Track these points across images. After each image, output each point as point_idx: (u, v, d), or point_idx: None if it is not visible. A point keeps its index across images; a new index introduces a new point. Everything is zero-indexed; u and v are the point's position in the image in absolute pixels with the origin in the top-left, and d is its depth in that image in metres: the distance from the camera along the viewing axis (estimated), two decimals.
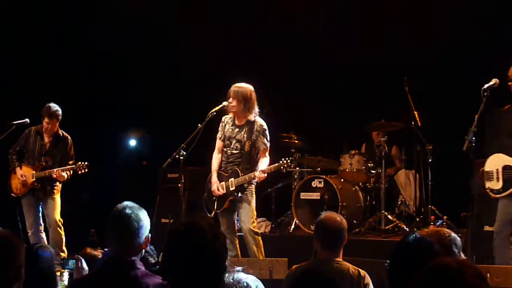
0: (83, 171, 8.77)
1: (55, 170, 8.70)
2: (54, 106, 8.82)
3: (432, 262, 2.67)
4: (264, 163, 7.63)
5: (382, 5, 10.47)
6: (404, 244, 3.61)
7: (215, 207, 7.79)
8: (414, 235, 3.65)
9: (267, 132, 7.73)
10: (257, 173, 7.51)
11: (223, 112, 7.83)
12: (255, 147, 7.71)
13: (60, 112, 8.84)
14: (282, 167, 7.50)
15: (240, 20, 11.16)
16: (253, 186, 7.75)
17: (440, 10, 10.10)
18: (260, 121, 7.74)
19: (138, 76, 11.89)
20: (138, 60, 11.69)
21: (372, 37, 10.64)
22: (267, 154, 7.72)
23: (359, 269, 4.92)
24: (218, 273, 3.29)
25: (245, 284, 3.54)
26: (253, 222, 7.74)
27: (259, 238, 7.71)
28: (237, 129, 7.78)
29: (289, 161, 7.49)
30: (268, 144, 7.72)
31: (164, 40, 11.59)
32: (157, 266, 4.44)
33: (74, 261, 5.65)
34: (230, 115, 7.85)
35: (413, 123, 9.17)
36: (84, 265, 5.03)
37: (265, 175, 7.53)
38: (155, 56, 11.65)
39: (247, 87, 7.69)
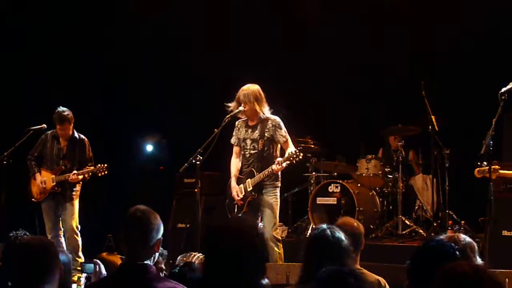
0: (103, 173, 8.78)
1: (74, 172, 8.72)
2: (63, 110, 8.79)
3: (448, 266, 2.66)
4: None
5: (400, 7, 10.41)
6: (427, 247, 3.61)
7: (236, 211, 7.80)
8: (437, 238, 3.66)
9: (282, 124, 7.73)
10: (274, 166, 7.50)
11: (238, 117, 7.85)
12: (270, 144, 7.71)
13: (70, 114, 8.82)
14: (291, 158, 7.45)
15: (256, 23, 11.17)
16: (278, 190, 7.74)
17: (456, 13, 10.03)
18: (273, 116, 7.75)
19: (155, 81, 11.94)
20: (155, 64, 11.74)
21: (389, 40, 10.60)
22: (290, 144, 7.70)
23: (379, 278, 4.90)
24: (257, 276, 3.29)
25: None
26: (276, 228, 7.73)
27: (280, 245, 7.69)
28: (250, 130, 7.81)
29: (297, 151, 7.44)
30: (287, 136, 7.71)
31: (178, 44, 11.61)
32: (178, 269, 4.46)
33: (92, 265, 5.68)
34: (243, 118, 7.87)
35: (430, 127, 9.13)
36: (103, 269, 5.06)
37: (283, 165, 7.47)
38: (171, 61, 11.67)
39: (254, 87, 7.71)
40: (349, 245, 4.16)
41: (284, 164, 7.47)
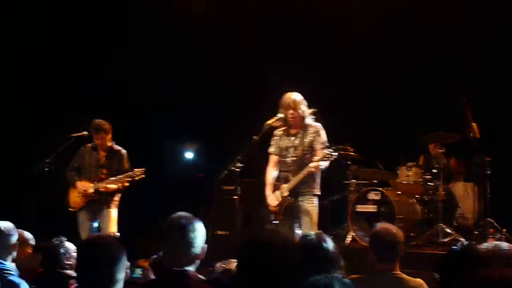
0: (140, 177, 8.86)
1: (109, 180, 8.81)
2: (98, 120, 8.96)
3: (476, 273, 2.62)
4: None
5: (439, 14, 10.34)
6: (451, 253, 3.58)
7: (273, 218, 7.79)
8: (460, 244, 3.63)
9: (322, 132, 7.72)
10: (311, 164, 7.49)
11: (276, 126, 7.85)
12: (310, 151, 7.69)
13: (105, 125, 8.95)
14: (326, 157, 7.43)
15: (295, 33, 11.18)
16: (316, 198, 7.72)
17: (493, 20, 9.93)
18: (314, 123, 7.76)
19: (194, 88, 12.01)
20: (195, 71, 11.81)
21: (429, 47, 10.52)
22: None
23: (421, 281, 4.86)
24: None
25: None
26: None
27: None
28: (293, 137, 7.79)
29: (331, 150, 7.43)
30: (326, 143, 7.69)
31: (218, 53, 11.66)
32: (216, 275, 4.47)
33: (141, 269, 5.71)
34: (282, 127, 7.86)
35: (471, 134, 9.04)
36: (151, 274, 5.09)
37: (320, 164, 7.46)
38: (211, 69, 11.73)
39: (298, 94, 7.74)
40: (336, 255, 4.08)
41: (321, 163, 7.47)
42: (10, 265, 5.23)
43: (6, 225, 5.67)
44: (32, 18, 11.44)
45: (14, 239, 5.62)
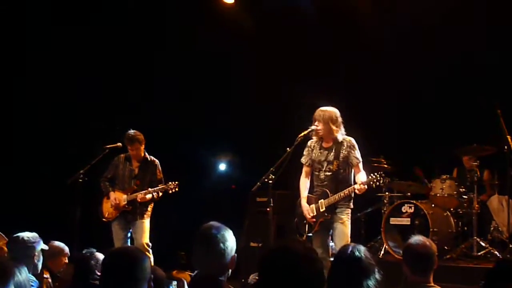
0: (174, 190, 8.93)
1: (141, 193, 8.88)
2: (133, 131, 9.09)
3: None
4: (361, 177, 7.57)
5: (470, 22, 10.28)
6: (501, 266, 3.57)
7: (306, 230, 7.79)
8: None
9: (357, 147, 7.70)
10: (357, 186, 7.46)
11: (310, 137, 7.86)
12: (345, 166, 7.67)
13: (139, 135, 9.07)
14: (371, 182, 7.43)
15: (328, 46, 11.19)
16: (350, 211, 7.69)
17: None
18: (348, 138, 7.74)
19: (227, 101, 12.06)
20: (228, 82, 11.87)
21: (464, 59, 10.44)
22: (361, 168, 7.66)
23: None
24: None
25: None
26: None
27: None
28: (326, 152, 7.77)
29: (378, 176, 7.40)
30: (361, 159, 7.68)
31: (254, 64, 11.70)
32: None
33: (175, 281, 5.74)
34: (315, 139, 7.87)
35: (505, 147, 8.97)
36: (186, 287, 5.12)
37: (366, 186, 7.45)
38: (245, 80, 11.79)
39: (332, 109, 7.73)
40: (371, 266, 4.03)
41: (366, 186, 7.46)
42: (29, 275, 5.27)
43: (29, 235, 5.73)
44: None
45: (35, 249, 5.67)
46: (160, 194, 8.99)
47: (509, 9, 9.91)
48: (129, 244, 9.04)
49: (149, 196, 8.90)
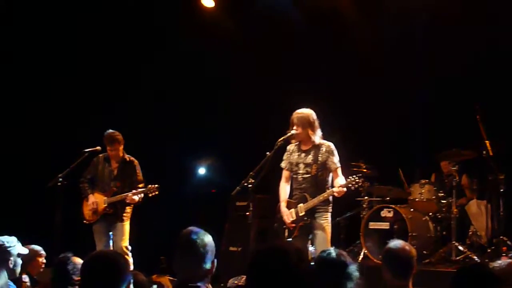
0: (153, 193, 8.89)
1: (128, 194, 8.85)
2: (113, 131, 9.05)
3: None
4: (340, 181, 7.57)
5: (450, 27, 10.34)
6: (462, 272, 3.58)
7: (286, 235, 7.78)
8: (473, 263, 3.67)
9: (335, 152, 7.72)
10: (335, 189, 7.47)
11: (289, 141, 7.86)
12: (323, 170, 7.68)
13: (118, 135, 9.05)
14: (350, 184, 7.44)
15: (308, 50, 11.21)
16: (329, 214, 7.70)
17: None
18: (327, 142, 7.75)
19: (208, 104, 12.05)
20: (208, 88, 11.86)
21: (443, 62, 10.50)
22: (339, 173, 7.67)
23: None
24: None
25: None
26: None
27: None
28: (303, 154, 7.78)
29: (357, 178, 7.42)
30: (339, 164, 7.69)
31: (234, 71, 11.71)
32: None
33: (155, 286, 5.71)
34: (295, 143, 7.87)
35: (484, 152, 9.02)
36: None
37: (345, 189, 7.46)
38: (223, 86, 11.79)
39: (308, 112, 7.74)
40: (354, 271, 4.05)
41: (345, 189, 7.47)
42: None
43: (6, 239, 5.64)
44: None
45: (11, 253, 5.59)
46: (141, 195, 8.95)
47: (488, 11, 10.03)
48: (111, 245, 9.01)
49: (136, 197, 8.86)
